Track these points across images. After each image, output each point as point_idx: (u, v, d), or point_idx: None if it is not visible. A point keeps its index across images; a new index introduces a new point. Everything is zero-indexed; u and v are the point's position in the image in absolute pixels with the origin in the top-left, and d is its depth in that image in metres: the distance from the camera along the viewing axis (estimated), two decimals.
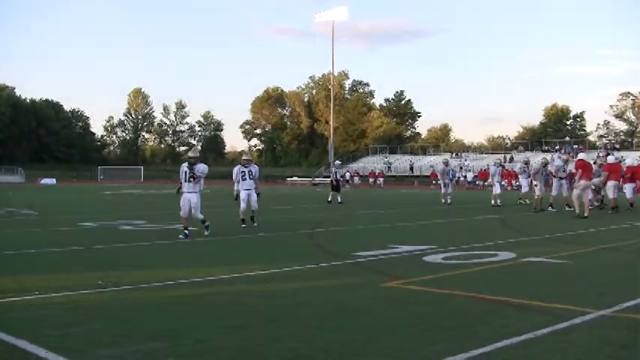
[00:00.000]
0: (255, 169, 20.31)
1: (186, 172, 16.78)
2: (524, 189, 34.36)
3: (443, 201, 34.37)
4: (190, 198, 16.70)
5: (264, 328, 7.14)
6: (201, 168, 16.94)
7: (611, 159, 29.15)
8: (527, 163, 32.57)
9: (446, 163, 37.16)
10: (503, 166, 37.39)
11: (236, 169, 20.25)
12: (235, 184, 20.13)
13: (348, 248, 14.43)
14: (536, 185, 28.96)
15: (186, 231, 16.55)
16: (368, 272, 11.35)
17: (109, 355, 6.12)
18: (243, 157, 21.04)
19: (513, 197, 36.46)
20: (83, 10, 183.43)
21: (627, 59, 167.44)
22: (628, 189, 28.21)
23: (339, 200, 34.42)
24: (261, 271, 11.25)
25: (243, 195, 19.90)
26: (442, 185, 35.47)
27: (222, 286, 9.94)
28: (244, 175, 19.97)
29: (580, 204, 23.87)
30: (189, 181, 16.70)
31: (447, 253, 13.44)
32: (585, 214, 23.46)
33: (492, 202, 32.02)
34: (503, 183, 39.96)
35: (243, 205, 19.92)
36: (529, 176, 32.20)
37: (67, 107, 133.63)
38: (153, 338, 6.72)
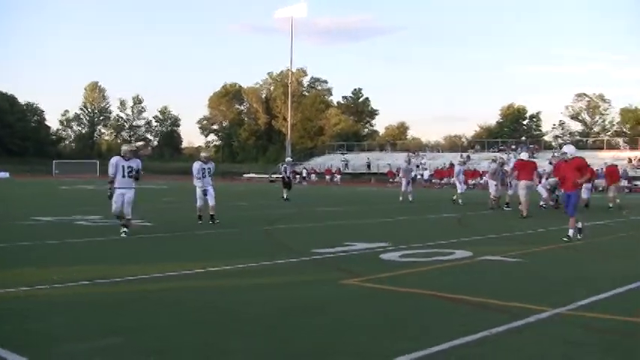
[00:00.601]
0: (212, 165, 20.15)
1: (123, 166, 15.87)
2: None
3: (401, 199, 34.42)
4: (126, 193, 15.90)
5: (223, 326, 7.14)
6: (141, 165, 16.39)
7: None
8: (495, 161, 32.56)
9: (408, 161, 37.31)
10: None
11: (197, 166, 19.74)
12: (197, 181, 19.66)
13: (305, 245, 14.46)
14: (495, 185, 29.15)
15: (125, 228, 15.91)
16: (325, 269, 11.38)
17: (66, 352, 6.08)
18: (203, 154, 20.65)
19: (472, 196, 36.50)
20: (38, 1, 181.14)
21: (583, 60, 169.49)
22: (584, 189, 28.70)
23: (286, 196, 34.38)
24: (218, 267, 11.21)
25: (200, 192, 19.60)
26: (404, 183, 35.52)
27: (179, 282, 9.90)
28: (204, 173, 19.67)
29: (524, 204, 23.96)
30: (129, 177, 15.96)
31: (403, 251, 13.49)
32: (524, 214, 23.48)
33: (454, 197, 32.05)
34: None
35: (201, 202, 19.63)
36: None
37: (22, 100, 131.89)
38: (110, 335, 6.67)
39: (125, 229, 15.85)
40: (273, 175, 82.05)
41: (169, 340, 6.49)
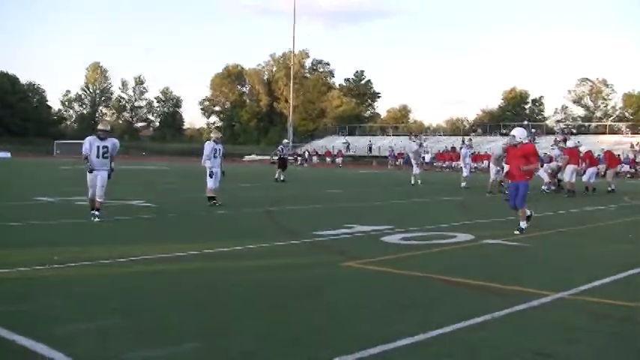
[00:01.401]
0: (222, 147, 19.77)
1: (98, 147, 15.01)
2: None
3: (413, 182, 33.90)
4: (101, 175, 15.00)
5: (221, 307, 7.13)
6: (117, 145, 15.59)
7: (570, 143, 29.50)
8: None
9: (419, 144, 37.07)
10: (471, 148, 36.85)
11: (210, 146, 19.29)
12: (207, 161, 19.22)
13: (307, 227, 14.44)
14: (498, 170, 28.65)
15: (96, 212, 15.03)
16: (327, 252, 11.37)
17: (66, 333, 6.06)
18: (215, 135, 20.08)
19: (474, 180, 36.19)
20: None
21: (586, 44, 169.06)
22: (588, 173, 28.91)
23: (282, 178, 34.57)
24: (218, 249, 11.22)
25: (209, 173, 19.11)
26: (414, 165, 35.25)
27: (182, 264, 9.90)
28: (215, 153, 19.27)
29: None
30: (104, 158, 15.05)
31: (405, 233, 13.47)
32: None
33: (463, 184, 31.43)
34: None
35: (212, 183, 19.15)
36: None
37: (24, 80, 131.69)
38: (109, 315, 6.67)
39: (96, 213, 15.02)
40: (274, 157, 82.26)
41: (167, 321, 6.48)
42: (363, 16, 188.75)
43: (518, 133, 14.79)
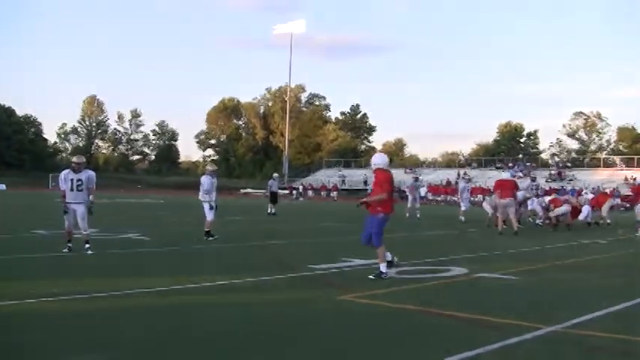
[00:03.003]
0: (217, 180, 19.61)
1: (72, 180, 14.92)
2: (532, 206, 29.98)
3: (408, 215, 33.93)
4: (77, 209, 14.97)
5: (218, 342, 7.12)
6: (92, 177, 15.38)
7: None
8: (534, 179, 31.50)
9: (416, 179, 37.36)
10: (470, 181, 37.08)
11: (210, 180, 18.98)
12: (205, 195, 18.86)
13: (302, 261, 14.44)
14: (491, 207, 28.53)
15: (70, 244, 14.99)
16: (322, 285, 11.38)
17: None
18: (212, 167, 19.96)
19: (470, 213, 36.16)
20: (38, 13, 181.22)
21: (581, 78, 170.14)
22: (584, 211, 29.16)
23: (273, 211, 34.83)
24: (214, 282, 11.20)
25: (209, 206, 18.85)
26: (410, 199, 35.31)
27: (175, 297, 9.90)
28: (212, 186, 19.01)
29: (506, 221, 23.94)
30: (79, 191, 14.95)
31: (400, 267, 13.45)
32: (514, 229, 23.36)
33: (462, 218, 31.25)
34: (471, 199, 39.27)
35: (212, 216, 18.86)
36: (536, 195, 30.73)
37: (20, 112, 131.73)
38: (101, 349, 6.67)
39: (86, 246, 14.96)
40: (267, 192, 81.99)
41: (155, 356, 6.48)
42: (359, 50, 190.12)
43: (375, 159, 12.92)
